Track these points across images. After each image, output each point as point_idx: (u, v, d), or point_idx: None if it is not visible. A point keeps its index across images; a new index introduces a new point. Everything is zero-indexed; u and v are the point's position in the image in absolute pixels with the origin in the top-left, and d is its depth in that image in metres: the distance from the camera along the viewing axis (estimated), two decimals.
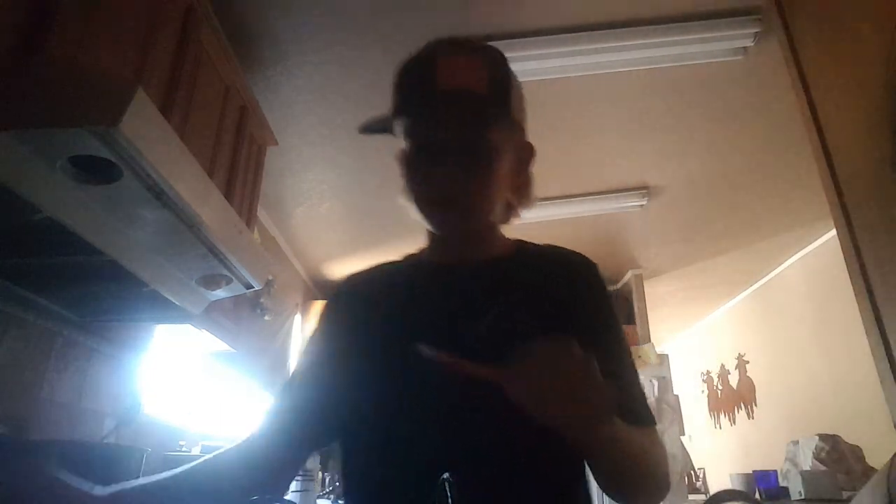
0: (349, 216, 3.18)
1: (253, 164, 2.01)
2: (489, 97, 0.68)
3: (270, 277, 2.43)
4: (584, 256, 0.79)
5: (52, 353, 1.50)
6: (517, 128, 0.74)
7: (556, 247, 0.80)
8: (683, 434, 3.65)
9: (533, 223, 3.21)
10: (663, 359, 3.78)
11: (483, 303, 0.70)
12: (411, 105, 0.70)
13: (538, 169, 0.80)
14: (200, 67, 1.55)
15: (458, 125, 0.67)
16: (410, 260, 0.83)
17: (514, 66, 0.75)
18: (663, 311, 4.79)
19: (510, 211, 0.78)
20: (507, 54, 0.75)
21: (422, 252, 0.83)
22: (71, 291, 1.42)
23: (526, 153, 0.78)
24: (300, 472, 2.34)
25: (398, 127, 0.71)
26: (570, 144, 2.61)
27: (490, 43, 0.76)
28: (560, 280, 0.74)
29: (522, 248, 0.80)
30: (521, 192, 0.78)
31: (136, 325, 1.84)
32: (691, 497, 3.57)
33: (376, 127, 0.71)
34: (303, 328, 3.75)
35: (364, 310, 0.76)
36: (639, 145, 2.65)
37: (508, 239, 0.81)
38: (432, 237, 0.79)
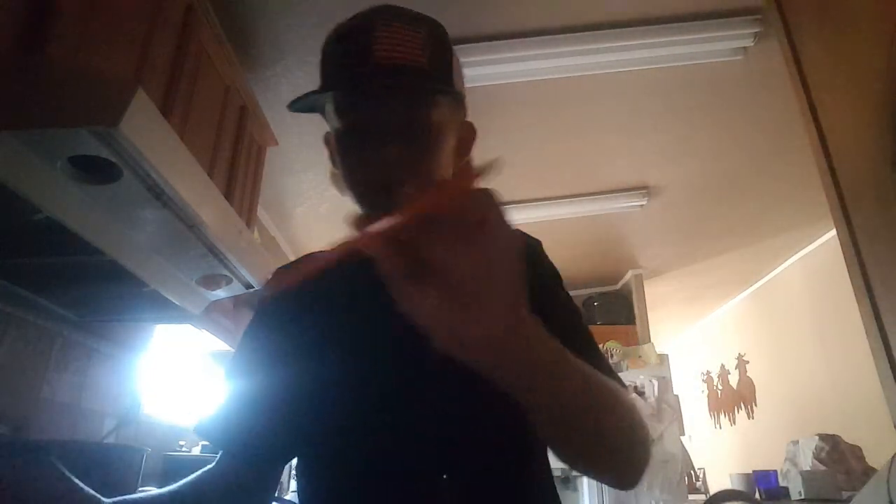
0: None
1: (253, 164, 2.01)
2: (432, 71, 0.61)
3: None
4: (525, 234, 0.71)
5: (52, 353, 1.50)
6: (460, 106, 0.67)
7: None
8: (683, 434, 3.65)
9: (533, 223, 3.21)
10: (663, 359, 3.78)
11: None
12: (346, 79, 0.62)
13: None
14: (200, 67, 1.55)
15: (399, 102, 0.60)
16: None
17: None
18: (663, 311, 4.79)
19: None
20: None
21: None
22: (71, 291, 1.42)
23: (468, 133, 0.72)
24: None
25: (329, 104, 0.64)
26: (570, 144, 2.61)
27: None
28: None
29: None
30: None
31: (136, 325, 1.84)
32: (691, 497, 3.56)
33: (305, 105, 0.64)
34: None
35: (303, 304, 0.69)
36: (639, 145, 2.65)
37: None
38: None
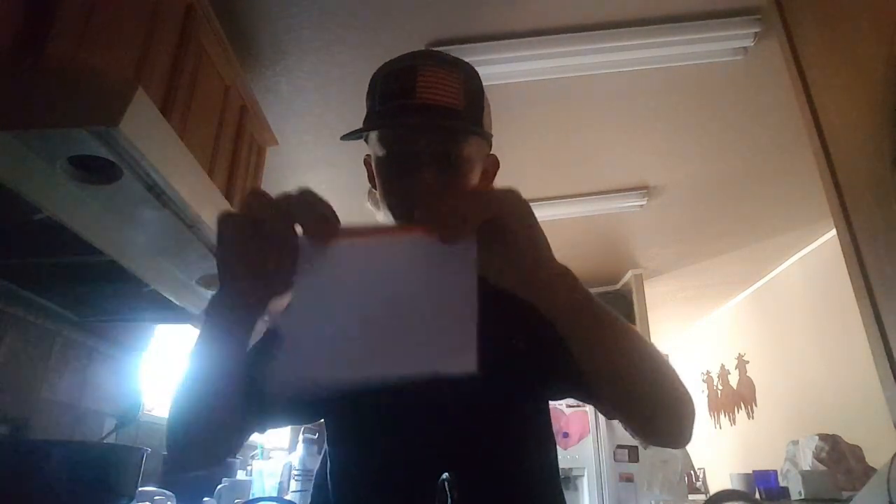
0: (349, 216, 3.17)
1: (253, 164, 2.01)
2: (465, 111, 0.71)
3: None
4: None
5: (52, 353, 1.50)
6: (486, 142, 0.77)
7: None
8: None
9: None
10: None
11: None
12: (391, 115, 0.71)
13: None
14: (200, 67, 1.55)
15: (436, 136, 0.70)
16: None
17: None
18: (663, 311, 4.79)
19: None
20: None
21: None
22: (71, 291, 1.42)
23: (492, 166, 0.82)
24: (297, 470, 2.34)
25: (373, 133, 0.73)
26: (570, 144, 2.61)
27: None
28: None
29: None
30: None
31: (136, 325, 1.84)
32: (691, 497, 3.57)
33: (354, 135, 0.74)
34: None
35: None
36: (639, 145, 2.65)
37: None
38: None
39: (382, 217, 0.78)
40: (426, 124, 0.69)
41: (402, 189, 0.72)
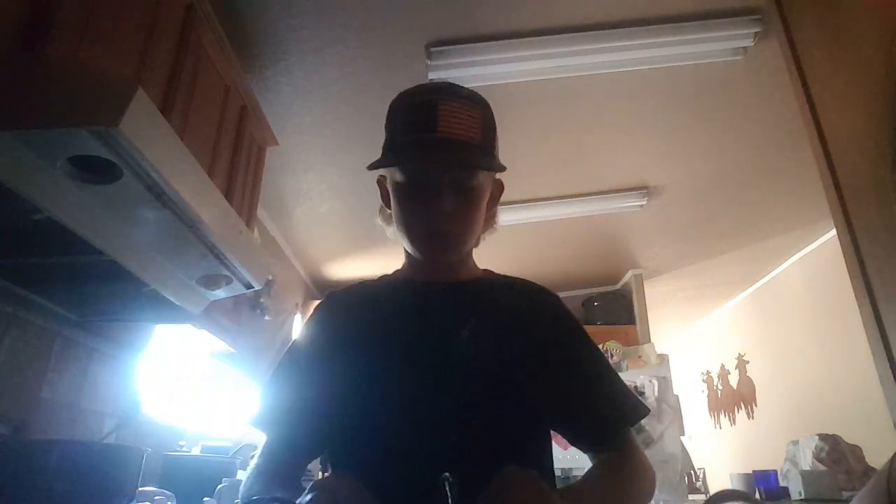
0: (349, 216, 3.18)
1: (253, 164, 2.01)
2: (482, 145, 0.78)
3: (270, 277, 2.43)
4: (542, 286, 0.91)
5: (52, 353, 1.50)
6: (496, 170, 0.82)
7: (519, 278, 0.92)
8: (683, 434, 3.65)
9: (533, 223, 3.21)
10: (663, 359, 3.77)
11: (463, 314, 0.81)
12: (414, 147, 0.77)
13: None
14: (200, 67, 1.55)
15: (454, 169, 0.76)
16: (389, 279, 0.92)
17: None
18: (663, 311, 4.79)
19: (478, 238, 0.89)
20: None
21: (397, 273, 0.92)
22: (71, 291, 1.42)
23: (498, 190, 0.90)
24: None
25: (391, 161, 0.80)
26: (570, 144, 2.61)
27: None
28: (527, 300, 0.87)
29: (490, 274, 0.93)
30: (490, 222, 0.90)
31: (136, 325, 1.84)
32: (691, 497, 3.56)
33: (380, 165, 0.79)
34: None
35: (354, 322, 0.84)
36: (639, 145, 2.65)
37: (477, 266, 0.93)
38: (412, 260, 0.87)
39: (392, 233, 0.85)
40: (451, 160, 0.75)
41: (420, 213, 0.78)
